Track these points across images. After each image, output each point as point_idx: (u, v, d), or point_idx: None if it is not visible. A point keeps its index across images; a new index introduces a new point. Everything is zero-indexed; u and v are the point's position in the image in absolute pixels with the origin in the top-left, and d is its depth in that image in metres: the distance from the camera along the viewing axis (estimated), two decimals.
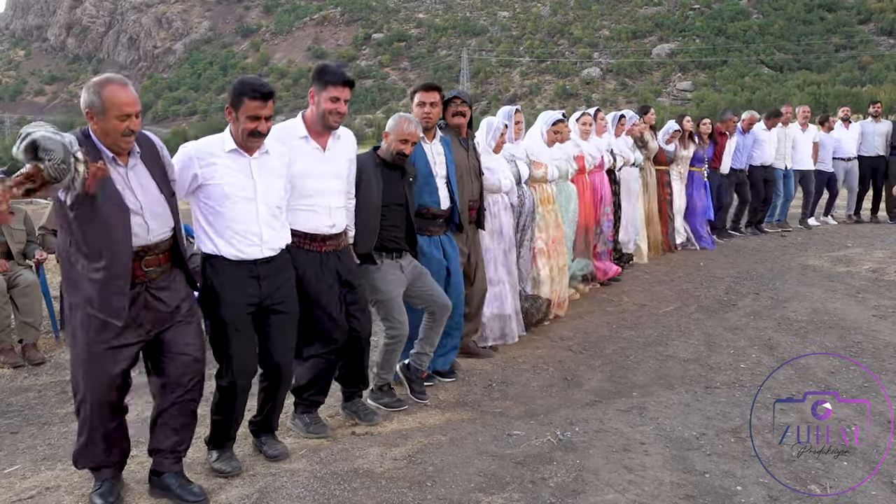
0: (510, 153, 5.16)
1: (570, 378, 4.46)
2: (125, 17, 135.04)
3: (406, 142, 3.73)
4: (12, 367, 4.96)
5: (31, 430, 3.90)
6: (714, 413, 3.79)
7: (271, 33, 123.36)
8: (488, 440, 3.47)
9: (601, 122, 6.84)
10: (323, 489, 2.96)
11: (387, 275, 3.79)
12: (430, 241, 4.14)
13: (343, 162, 3.52)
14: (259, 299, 3.08)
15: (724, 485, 3.01)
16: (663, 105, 70.04)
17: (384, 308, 3.81)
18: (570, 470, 3.13)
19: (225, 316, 3.02)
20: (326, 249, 3.42)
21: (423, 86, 4.18)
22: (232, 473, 3.11)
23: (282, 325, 3.18)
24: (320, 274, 3.39)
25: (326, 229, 3.41)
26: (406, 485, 3.00)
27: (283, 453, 3.29)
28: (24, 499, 2.98)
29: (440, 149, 4.20)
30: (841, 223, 10.50)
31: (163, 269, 2.81)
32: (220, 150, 3.02)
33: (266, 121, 3.00)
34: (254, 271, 3.05)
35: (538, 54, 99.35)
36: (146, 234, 2.71)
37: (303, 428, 3.55)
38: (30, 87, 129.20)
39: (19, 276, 5.14)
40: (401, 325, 3.80)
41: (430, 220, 4.12)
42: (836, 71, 74.28)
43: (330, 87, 3.31)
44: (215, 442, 3.21)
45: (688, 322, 5.63)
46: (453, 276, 4.25)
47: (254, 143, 3.03)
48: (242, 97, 2.95)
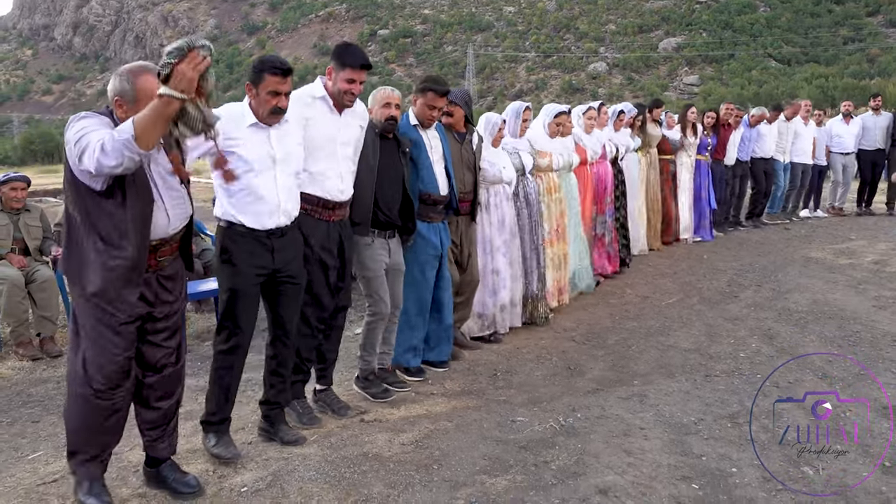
0: (513, 146, 5.26)
1: (572, 367, 4.58)
2: (131, 15, 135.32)
3: (389, 105, 3.83)
4: (31, 360, 5.11)
5: (51, 419, 4.04)
6: (713, 400, 3.90)
7: (277, 30, 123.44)
8: (493, 426, 3.58)
9: (604, 116, 6.93)
10: (334, 472, 3.08)
11: (375, 253, 3.90)
12: (430, 227, 4.24)
13: (355, 129, 3.65)
14: (271, 270, 3.21)
15: (720, 467, 3.12)
16: (670, 99, 69.77)
17: (370, 284, 3.92)
18: (572, 453, 3.24)
19: (238, 284, 3.14)
20: (335, 219, 3.55)
21: (440, 90, 4.10)
22: (231, 459, 3.17)
23: (293, 295, 3.34)
24: (325, 243, 3.52)
25: (338, 194, 3.53)
26: (413, 468, 3.12)
27: (300, 438, 3.39)
28: (49, 482, 3.11)
29: (437, 135, 4.31)
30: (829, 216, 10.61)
31: (173, 258, 2.88)
32: (242, 123, 3.11)
33: (286, 97, 3.11)
34: (268, 244, 3.17)
35: (544, 49, 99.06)
36: (166, 226, 2.75)
37: (296, 419, 3.62)
38: (37, 87, 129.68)
39: (36, 271, 5.29)
40: (384, 304, 3.93)
41: (430, 207, 4.23)
42: (844, 64, 73.77)
43: (348, 69, 3.44)
44: (212, 423, 3.24)
45: (689, 313, 5.73)
46: (444, 265, 4.36)
47: (273, 120, 3.13)
48: (263, 73, 3.07)
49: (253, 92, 3.12)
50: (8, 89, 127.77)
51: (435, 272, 4.31)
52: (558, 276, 5.77)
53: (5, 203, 5.44)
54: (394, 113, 3.85)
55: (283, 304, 3.33)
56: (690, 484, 2.97)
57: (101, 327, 2.65)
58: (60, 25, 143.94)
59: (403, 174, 3.96)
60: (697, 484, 2.97)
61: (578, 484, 2.96)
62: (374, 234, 3.90)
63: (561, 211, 5.79)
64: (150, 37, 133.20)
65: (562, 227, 5.78)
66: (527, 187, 5.35)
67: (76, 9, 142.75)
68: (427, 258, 4.24)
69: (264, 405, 3.48)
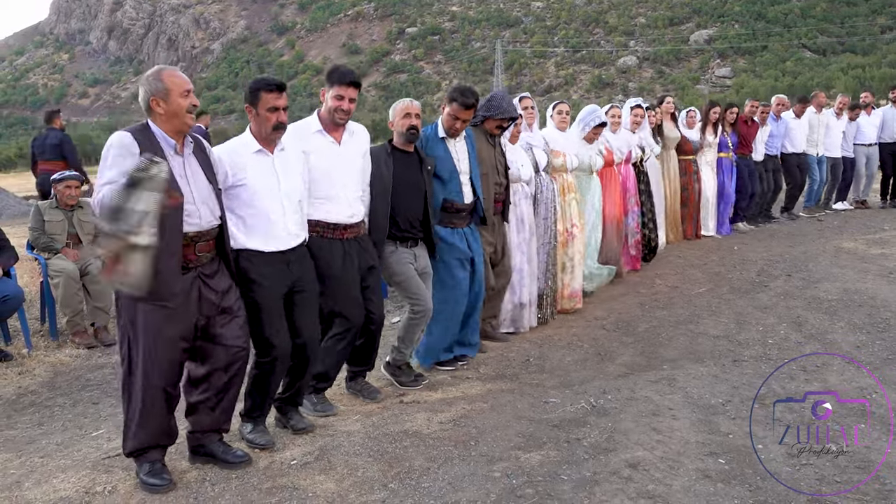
0: (527, 142, 5.29)
1: (603, 354, 4.72)
2: (164, 18, 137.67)
3: (409, 115, 3.96)
4: (87, 348, 5.41)
5: (109, 401, 4.31)
6: (740, 383, 4.01)
7: (306, 30, 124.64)
8: (526, 407, 3.74)
9: (651, 116, 6.93)
10: (377, 447, 3.27)
11: (400, 257, 4.02)
12: (454, 232, 4.32)
13: (357, 156, 3.77)
14: (291, 282, 3.36)
15: (746, 444, 3.24)
16: (702, 93, 69.01)
17: (404, 287, 4.04)
18: (603, 432, 3.39)
19: (263, 302, 3.26)
20: (348, 237, 3.68)
21: (465, 103, 4.21)
22: (265, 446, 3.31)
23: (308, 304, 3.44)
24: (343, 258, 3.63)
25: (347, 219, 3.66)
26: (452, 444, 3.30)
27: (310, 426, 3.53)
28: (112, 456, 3.35)
29: (464, 146, 4.39)
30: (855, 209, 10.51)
31: (211, 256, 3.05)
32: (246, 152, 3.28)
33: (284, 111, 3.27)
34: (284, 259, 3.32)
35: (573, 44, 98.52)
36: (199, 220, 2.94)
37: (310, 407, 3.73)
38: (73, 90, 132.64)
39: (90, 264, 5.57)
40: (425, 300, 4.04)
41: (453, 214, 4.32)
42: (881, 53, 72.16)
43: (336, 87, 3.58)
44: (250, 416, 3.43)
45: (719, 302, 5.82)
46: (477, 267, 4.44)
47: (276, 136, 3.29)
48: (258, 92, 3.23)
49: (253, 112, 3.27)
50: (45, 93, 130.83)
51: (467, 274, 4.37)
52: (569, 279, 5.68)
53: (60, 200, 5.74)
54: (414, 123, 3.97)
55: (298, 314, 3.40)
56: (717, 459, 3.10)
57: (155, 324, 2.89)
58: (95, 29, 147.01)
59: (426, 190, 4.06)
60: (724, 459, 3.09)
61: (609, 459, 3.11)
62: (395, 244, 4.02)
63: (577, 212, 5.69)
64: (182, 39, 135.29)
65: (578, 229, 5.69)
66: (540, 185, 5.35)
67: (111, 13, 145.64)
68: (452, 260, 4.29)
69: (278, 400, 3.58)
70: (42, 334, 5.73)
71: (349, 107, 3.61)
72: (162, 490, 2.94)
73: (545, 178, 5.42)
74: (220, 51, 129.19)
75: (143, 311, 2.85)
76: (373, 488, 2.91)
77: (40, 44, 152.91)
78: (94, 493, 2.96)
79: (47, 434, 3.88)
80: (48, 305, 5.67)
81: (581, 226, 5.75)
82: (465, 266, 4.35)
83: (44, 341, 5.59)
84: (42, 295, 5.77)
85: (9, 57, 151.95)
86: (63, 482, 3.08)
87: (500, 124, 4.60)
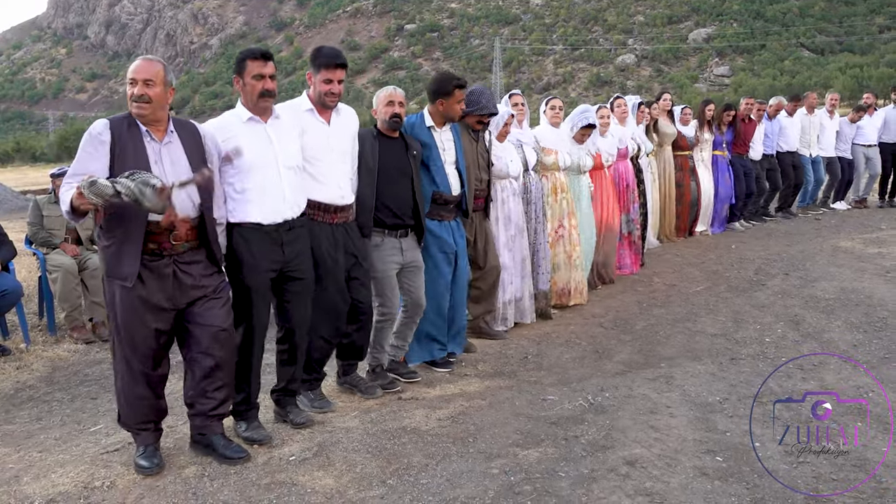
0: (517, 139, 5.26)
1: (601, 351, 4.73)
2: (162, 13, 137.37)
3: (392, 103, 3.93)
4: (85, 343, 5.41)
5: (108, 396, 4.30)
6: (738, 381, 4.02)
7: (305, 26, 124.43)
8: (524, 404, 3.75)
9: (619, 110, 6.91)
10: (375, 443, 3.28)
11: (384, 254, 3.98)
12: (441, 224, 4.29)
13: (346, 136, 3.73)
14: (281, 265, 3.34)
15: (743, 442, 3.25)
16: (700, 91, 69.04)
17: (378, 285, 4.01)
18: (601, 429, 3.40)
19: (250, 282, 3.27)
20: (337, 221, 3.65)
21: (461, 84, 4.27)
22: (263, 441, 3.29)
23: (300, 292, 3.45)
24: (330, 246, 3.60)
25: (338, 199, 3.64)
26: (450, 440, 3.31)
27: (308, 420, 3.53)
28: (111, 451, 3.35)
29: (449, 136, 4.37)
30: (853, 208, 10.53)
31: (190, 246, 3.04)
32: (238, 121, 3.29)
33: (271, 80, 3.26)
34: (278, 239, 3.30)
35: (571, 42, 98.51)
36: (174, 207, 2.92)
37: (308, 404, 3.72)
38: (71, 85, 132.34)
39: (88, 259, 5.57)
40: (392, 304, 4.04)
41: (442, 206, 4.29)
42: (879, 53, 72.28)
43: (323, 70, 3.52)
44: (240, 412, 3.38)
45: (716, 300, 5.84)
46: (460, 262, 4.42)
47: (265, 104, 3.28)
48: (244, 61, 3.24)
49: (240, 83, 3.28)
50: (43, 87, 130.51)
51: (451, 269, 4.35)
52: (565, 278, 5.68)
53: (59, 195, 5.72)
54: (397, 111, 3.94)
55: (292, 301, 3.43)
56: (714, 457, 3.11)
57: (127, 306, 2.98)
58: (94, 24, 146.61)
59: (412, 175, 4.03)
60: (721, 457, 3.11)
61: (607, 456, 3.12)
62: (383, 234, 3.99)
63: (568, 212, 5.66)
64: (180, 34, 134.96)
65: (569, 229, 5.65)
66: (529, 183, 5.32)
67: (109, 7, 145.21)
68: (438, 254, 4.28)
69: (275, 392, 3.60)
70: (40, 329, 5.73)
71: (339, 89, 3.58)
72: (149, 472, 3.03)
73: (534, 177, 5.39)
74: (218, 46, 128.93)
75: (119, 294, 2.93)
76: (371, 484, 2.92)
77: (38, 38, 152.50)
78: (93, 488, 2.97)
79: (46, 429, 3.88)
80: (46, 300, 5.67)
81: (574, 225, 5.72)
82: (450, 260, 4.33)
83: (42, 336, 5.59)
84: (40, 290, 5.77)
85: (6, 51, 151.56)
86: (61, 477, 3.09)
87: (481, 119, 4.59)
